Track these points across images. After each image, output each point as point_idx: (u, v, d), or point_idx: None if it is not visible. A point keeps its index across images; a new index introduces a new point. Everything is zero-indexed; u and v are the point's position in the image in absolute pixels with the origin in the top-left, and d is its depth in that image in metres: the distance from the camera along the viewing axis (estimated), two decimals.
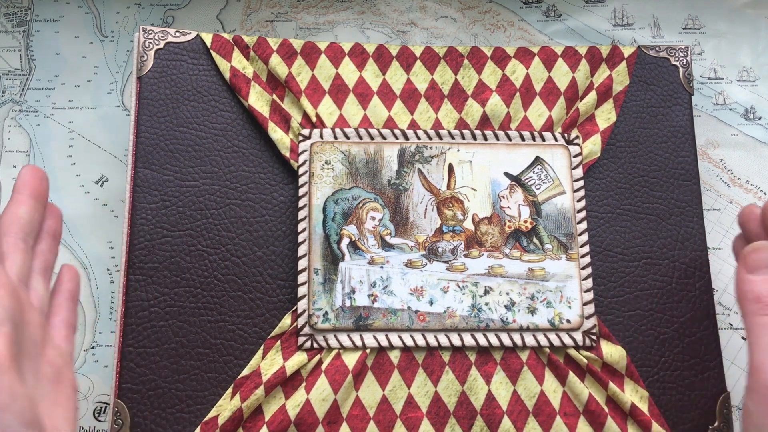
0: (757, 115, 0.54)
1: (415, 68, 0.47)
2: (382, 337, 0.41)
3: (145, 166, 0.44)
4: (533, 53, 0.47)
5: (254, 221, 0.44)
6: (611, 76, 0.47)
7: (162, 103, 0.45)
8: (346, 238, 0.43)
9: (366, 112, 0.46)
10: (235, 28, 0.54)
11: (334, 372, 0.41)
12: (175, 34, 0.46)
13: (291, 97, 0.45)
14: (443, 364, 0.42)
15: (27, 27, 0.53)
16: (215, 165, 0.44)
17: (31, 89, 0.52)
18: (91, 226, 0.50)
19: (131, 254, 0.42)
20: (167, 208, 0.43)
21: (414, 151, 0.45)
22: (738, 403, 0.48)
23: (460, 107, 0.46)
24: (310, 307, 0.42)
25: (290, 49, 0.46)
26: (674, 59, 0.49)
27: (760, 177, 0.53)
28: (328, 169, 0.44)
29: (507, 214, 0.44)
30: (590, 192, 0.46)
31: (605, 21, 0.56)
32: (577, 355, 0.42)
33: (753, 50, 0.55)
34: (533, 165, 0.45)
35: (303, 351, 0.41)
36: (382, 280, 0.42)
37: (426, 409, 0.41)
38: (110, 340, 0.48)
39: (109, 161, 0.51)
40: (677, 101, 0.48)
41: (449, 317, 0.42)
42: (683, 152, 0.47)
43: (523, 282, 0.43)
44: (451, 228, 0.44)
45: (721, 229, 0.52)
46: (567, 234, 0.44)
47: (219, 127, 0.45)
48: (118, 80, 0.53)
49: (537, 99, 0.47)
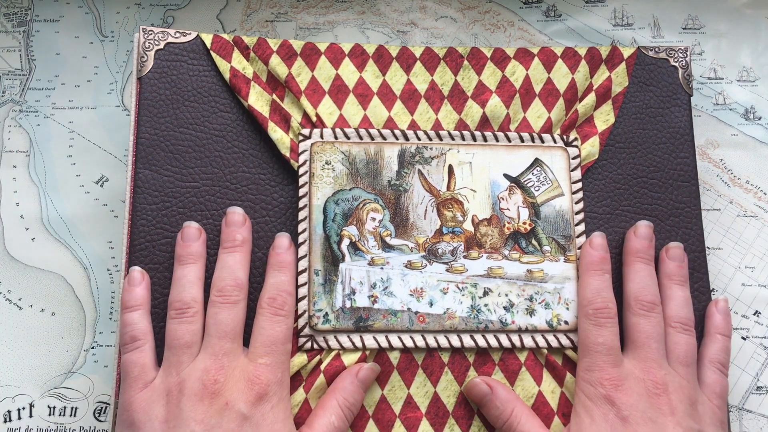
0: (757, 115, 0.54)
1: (415, 69, 0.47)
2: (382, 338, 0.42)
3: (145, 167, 0.44)
4: (533, 54, 0.47)
5: (254, 222, 0.44)
6: (610, 77, 0.47)
7: (162, 104, 0.45)
8: (347, 239, 0.43)
9: (366, 112, 0.46)
10: (235, 28, 0.54)
11: (334, 372, 0.41)
12: (175, 35, 0.46)
13: (291, 97, 0.45)
14: (442, 365, 0.42)
15: (27, 27, 0.53)
16: (215, 165, 0.44)
17: (31, 89, 0.52)
18: (91, 226, 0.50)
19: (131, 254, 0.43)
20: (167, 208, 0.43)
21: (414, 152, 0.45)
22: (737, 403, 0.48)
23: (459, 108, 0.46)
24: (311, 308, 0.42)
25: (290, 50, 0.46)
26: (673, 60, 0.49)
27: (760, 177, 0.53)
28: (329, 169, 0.44)
29: (506, 215, 0.44)
30: (589, 193, 0.46)
31: (605, 21, 0.56)
32: (575, 356, 0.42)
33: (753, 50, 0.55)
34: (532, 167, 0.45)
35: (303, 352, 0.41)
36: (382, 281, 0.42)
37: (425, 409, 0.41)
38: (110, 340, 0.48)
39: (109, 161, 0.51)
40: (676, 102, 0.48)
41: (449, 318, 0.42)
42: (682, 153, 0.47)
43: (522, 283, 0.43)
44: (451, 229, 0.44)
45: (721, 229, 0.52)
46: (565, 236, 0.44)
47: (219, 127, 0.45)
48: (118, 80, 0.53)
49: (536, 100, 0.47)
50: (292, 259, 0.42)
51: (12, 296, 0.48)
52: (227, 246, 0.42)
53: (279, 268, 0.42)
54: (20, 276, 0.49)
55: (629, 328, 0.42)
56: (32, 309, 0.48)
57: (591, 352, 0.40)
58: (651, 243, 0.44)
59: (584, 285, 0.42)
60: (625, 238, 0.44)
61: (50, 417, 0.46)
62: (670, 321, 0.42)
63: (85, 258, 0.49)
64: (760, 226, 0.52)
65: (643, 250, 0.43)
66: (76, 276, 0.49)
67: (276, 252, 0.42)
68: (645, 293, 0.42)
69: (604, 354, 0.40)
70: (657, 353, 0.41)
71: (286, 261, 0.42)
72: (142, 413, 0.38)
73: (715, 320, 0.44)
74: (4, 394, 0.47)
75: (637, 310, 0.42)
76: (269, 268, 0.42)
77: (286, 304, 0.41)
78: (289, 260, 0.42)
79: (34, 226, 0.50)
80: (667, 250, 0.44)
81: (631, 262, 0.43)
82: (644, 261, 0.43)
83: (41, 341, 0.48)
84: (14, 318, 0.48)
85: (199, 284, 0.41)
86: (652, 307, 0.42)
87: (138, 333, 0.40)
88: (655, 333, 0.41)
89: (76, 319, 0.48)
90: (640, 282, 0.42)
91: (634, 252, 0.43)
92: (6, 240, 0.49)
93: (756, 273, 0.51)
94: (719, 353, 0.43)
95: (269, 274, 0.42)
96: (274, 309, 0.40)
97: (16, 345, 0.47)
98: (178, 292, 0.41)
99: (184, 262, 0.42)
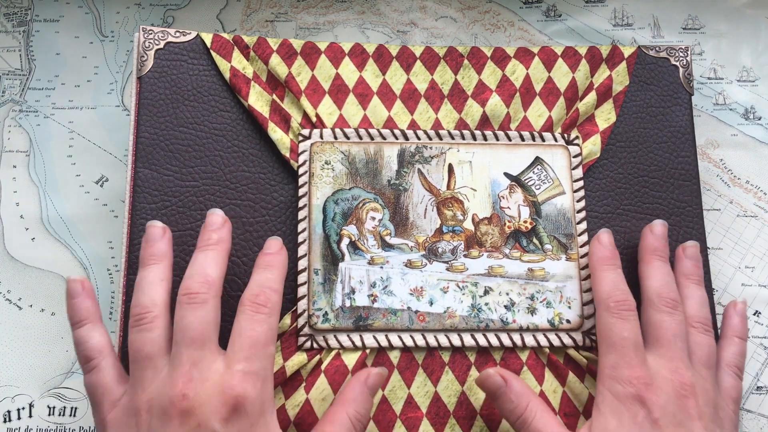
0: (757, 115, 0.54)
1: (415, 68, 0.47)
2: (381, 338, 0.42)
3: (145, 166, 0.44)
4: (533, 53, 0.47)
5: (254, 221, 0.44)
6: (611, 76, 0.47)
7: (162, 103, 0.45)
8: (346, 238, 0.43)
9: (366, 112, 0.46)
10: (235, 28, 0.54)
11: (334, 372, 0.41)
12: (175, 34, 0.46)
13: (291, 97, 0.45)
14: (443, 365, 0.42)
15: (27, 27, 0.53)
16: (215, 165, 0.44)
17: (31, 89, 0.52)
18: (91, 226, 0.50)
19: (131, 254, 0.42)
20: (167, 208, 0.43)
21: (414, 151, 0.45)
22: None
23: (460, 107, 0.46)
24: (310, 308, 0.42)
25: (290, 50, 0.46)
26: (674, 59, 0.49)
27: (760, 177, 0.53)
28: (328, 169, 0.44)
29: (507, 214, 0.44)
30: (590, 192, 0.46)
31: (605, 21, 0.56)
32: (577, 355, 0.42)
33: (753, 50, 0.55)
34: (533, 165, 0.45)
35: (303, 351, 0.41)
36: (381, 280, 0.42)
37: (426, 409, 0.41)
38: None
39: (109, 161, 0.51)
40: (677, 101, 0.48)
41: (449, 317, 0.42)
42: (683, 152, 0.47)
43: (523, 282, 0.43)
44: (451, 228, 0.44)
45: (721, 229, 0.52)
46: (567, 234, 0.44)
47: (219, 127, 0.45)
48: (118, 80, 0.53)
49: (537, 99, 0.47)
50: (281, 259, 0.40)
51: (12, 296, 0.48)
52: (201, 245, 0.39)
53: (266, 267, 0.39)
54: (20, 276, 0.49)
55: (652, 325, 0.40)
56: (32, 309, 0.48)
57: (617, 347, 0.38)
58: (666, 242, 0.43)
59: (600, 279, 0.41)
60: (642, 236, 0.44)
61: (50, 417, 0.46)
62: (691, 321, 0.41)
63: (85, 258, 0.49)
64: (760, 226, 0.52)
65: (660, 248, 0.42)
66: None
67: (264, 253, 0.40)
68: (668, 290, 0.40)
69: (632, 349, 0.38)
70: (683, 353, 0.39)
71: (274, 261, 0.39)
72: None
73: (733, 322, 0.43)
74: (3, 394, 0.47)
75: (661, 306, 0.40)
76: (256, 268, 0.39)
77: (270, 301, 0.37)
78: (278, 260, 0.39)
79: (34, 226, 0.50)
80: (684, 249, 0.44)
81: (650, 260, 0.42)
82: (662, 259, 0.42)
83: (41, 341, 0.47)
84: (14, 318, 0.48)
85: (163, 285, 0.38)
86: (675, 304, 0.40)
87: (90, 351, 0.37)
88: (680, 331, 0.39)
89: None
90: (661, 279, 0.41)
91: (652, 249, 0.42)
92: (6, 240, 0.49)
93: (756, 273, 0.51)
94: (737, 357, 0.42)
95: (255, 273, 0.39)
96: (255, 306, 0.36)
97: (16, 345, 0.47)
98: (136, 297, 0.37)
99: (145, 263, 0.38)
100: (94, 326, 0.38)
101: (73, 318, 0.38)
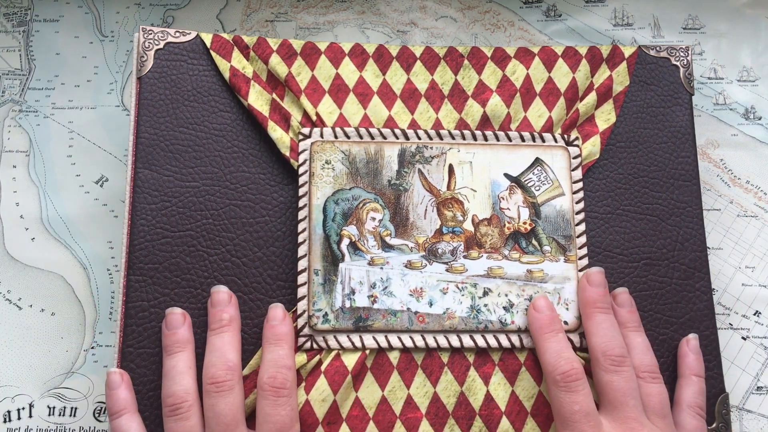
0: (757, 115, 0.54)
1: (415, 68, 0.47)
2: (381, 338, 0.42)
3: (145, 167, 0.44)
4: (533, 53, 0.47)
5: (254, 222, 0.44)
6: (611, 76, 0.47)
7: (162, 104, 0.45)
8: (346, 239, 0.43)
9: (366, 111, 0.46)
10: (235, 28, 0.54)
11: (334, 372, 0.41)
12: (174, 35, 0.46)
13: (291, 96, 0.45)
14: (442, 365, 0.42)
15: (27, 27, 0.53)
16: (215, 165, 0.44)
17: (31, 89, 0.52)
18: (91, 226, 0.50)
19: (131, 254, 0.42)
20: (167, 208, 0.43)
21: (414, 151, 0.45)
22: (737, 404, 0.48)
23: (460, 107, 0.46)
24: (310, 308, 0.42)
25: (290, 50, 0.46)
26: (675, 59, 0.49)
27: (760, 177, 0.53)
28: (329, 168, 0.44)
29: (506, 215, 0.44)
30: (590, 193, 0.46)
31: (605, 21, 0.56)
32: (578, 355, 0.42)
33: (753, 50, 0.55)
34: (533, 166, 0.45)
35: (303, 351, 0.41)
36: (381, 281, 0.42)
37: (425, 410, 0.41)
38: (110, 340, 0.48)
39: (109, 161, 0.51)
40: (677, 101, 0.48)
41: (448, 318, 0.42)
42: (683, 152, 0.47)
43: (522, 283, 0.43)
44: (451, 229, 0.44)
45: (721, 229, 0.52)
46: (565, 236, 0.44)
47: (219, 127, 0.45)
48: (118, 80, 0.53)
49: (537, 99, 0.46)
50: (288, 330, 0.41)
51: (12, 296, 0.48)
52: (214, 327, 0.41)
53: (275, 342, 0.40)
54: (20, 276, 0.49)
55: (603, 387, 0.40)
56: (32, 309, 0.48)
57: (570, 422, 0.38)
58: (606, 289, 0.42)
59: (543, 351, 0.41)
60: (579, 288, 0.43)
61: (50, 417, 0.46)
62: (638, 371, 0.41)
63: (85, 258, 0.49)
64: (760, 226, 0.52)
65: (600, 300, 0.42)
66: (75, 276, 0.49)
67: (270, 324, 0.41)
68: (612, 347, 0.40)
69: (584, 422, 0.38)
70: (636, 411, 0.39)
71: (281, 333, 0.41)
72: None
73: (688, 361, 0.43)
74: (3, 394, 0.47)
75: (608, 366, 0.40)
76: (265, 342, 0.41)
77: (288, 382, 0.39)
78: (284, 332, 0.41)
79: (33, 226, 0.50)
80: (615, 297, 0.43)
81: (591, 315, 0.42)
82: (603, 311, 0.42)
83: (41, 341, 0.48)
84: (14, 318, 0.48)
85: (190, 373, 0.40)
86: (621, 360, 0.40)
87: None
88: (630, 389, 0.39)
89: (76, 319, 0.48)
90: (604, 335, 0.41)
91: (592, 303, 0.42)
92: (6, 240, 0.49)
93: (756, 273, 0.51)
94: (697, 396, 0.42)
95: (266, 349, 0.40)
96: (275, 390, 0.38)
97: (16, 345, 0.47)
98: (169, 386, 0.39)
99: (171, 351, 0.40)
100: (132, 416, 0.40)
101: (112, 408, 0.40)
